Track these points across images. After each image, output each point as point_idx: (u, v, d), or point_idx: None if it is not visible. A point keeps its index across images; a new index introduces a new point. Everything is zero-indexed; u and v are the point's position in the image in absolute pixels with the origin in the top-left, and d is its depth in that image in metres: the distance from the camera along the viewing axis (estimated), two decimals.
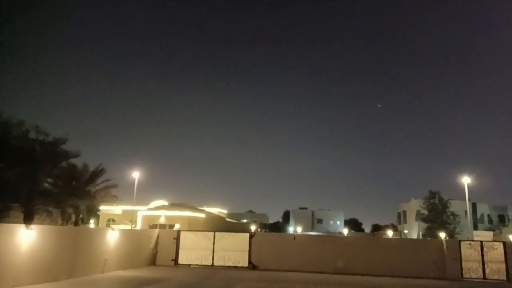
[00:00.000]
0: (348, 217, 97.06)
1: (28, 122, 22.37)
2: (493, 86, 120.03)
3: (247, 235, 24.85)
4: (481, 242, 23.06)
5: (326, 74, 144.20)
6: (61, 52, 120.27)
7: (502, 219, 56.84)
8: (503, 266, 22.01)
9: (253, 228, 43.32)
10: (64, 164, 24.49)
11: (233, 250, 24.17)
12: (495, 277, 21.93)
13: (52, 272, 15.58)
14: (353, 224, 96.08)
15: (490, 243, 23.31)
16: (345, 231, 70.65)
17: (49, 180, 24.15)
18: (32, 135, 22.12)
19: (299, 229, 63.82)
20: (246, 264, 23.83)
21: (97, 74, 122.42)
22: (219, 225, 38.98)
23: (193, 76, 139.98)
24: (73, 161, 25.05)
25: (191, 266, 23.88)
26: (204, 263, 23.97)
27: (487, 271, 22.15)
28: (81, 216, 24.26)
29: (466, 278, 22.07)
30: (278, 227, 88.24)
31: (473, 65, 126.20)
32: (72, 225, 23.72)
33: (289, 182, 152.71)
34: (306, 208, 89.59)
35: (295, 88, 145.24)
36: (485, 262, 22.27)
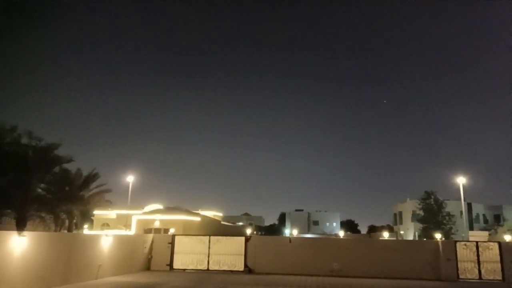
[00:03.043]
0: (345, 218, 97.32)
1: (20, 127, 22.26)
2: (488, 88, 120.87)
3: (243, 238, 24.72)
4: (477, 242, 23.11)
5: (320, 78, 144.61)
6: (55, 57, 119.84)
7: (497, 218, 57.12)
8: (499, 266, 22.09)
9: (248, 231, 43.29)
10: (57, 169, 24.38)
11: (228, 254, 24.03)
12: (491, 277, 22.01)
13: (46, 279, 15.38)
14: (349, 225, 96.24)
15: (486, 244, 23.37)
16: (341, 232, 70.72)
17: (42, 185, 24.03)
18: (24, 140, 22.00)
19: (295, 232, 63.74)
20: (242, 268, 23.70)
21: (90, 79, 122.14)
22: (214, 229, 38.83)
23: (187, 81, 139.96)
24: (67, 166, 24.95)
25: (186, 270, 23.72)
26: (199, 267, 23.81)
27: (482, 271, 22.20)
28: (74, 221, 24.12)
29: (462, 278, 22.11)
30: (274, 230, 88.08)
31: (470, 66, 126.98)
32: (65, 231, 23.56)
33: (285, 184, 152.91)
34: (302, 210, 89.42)
35: (290, 91, 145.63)
36: (481, 262, 22.33)
